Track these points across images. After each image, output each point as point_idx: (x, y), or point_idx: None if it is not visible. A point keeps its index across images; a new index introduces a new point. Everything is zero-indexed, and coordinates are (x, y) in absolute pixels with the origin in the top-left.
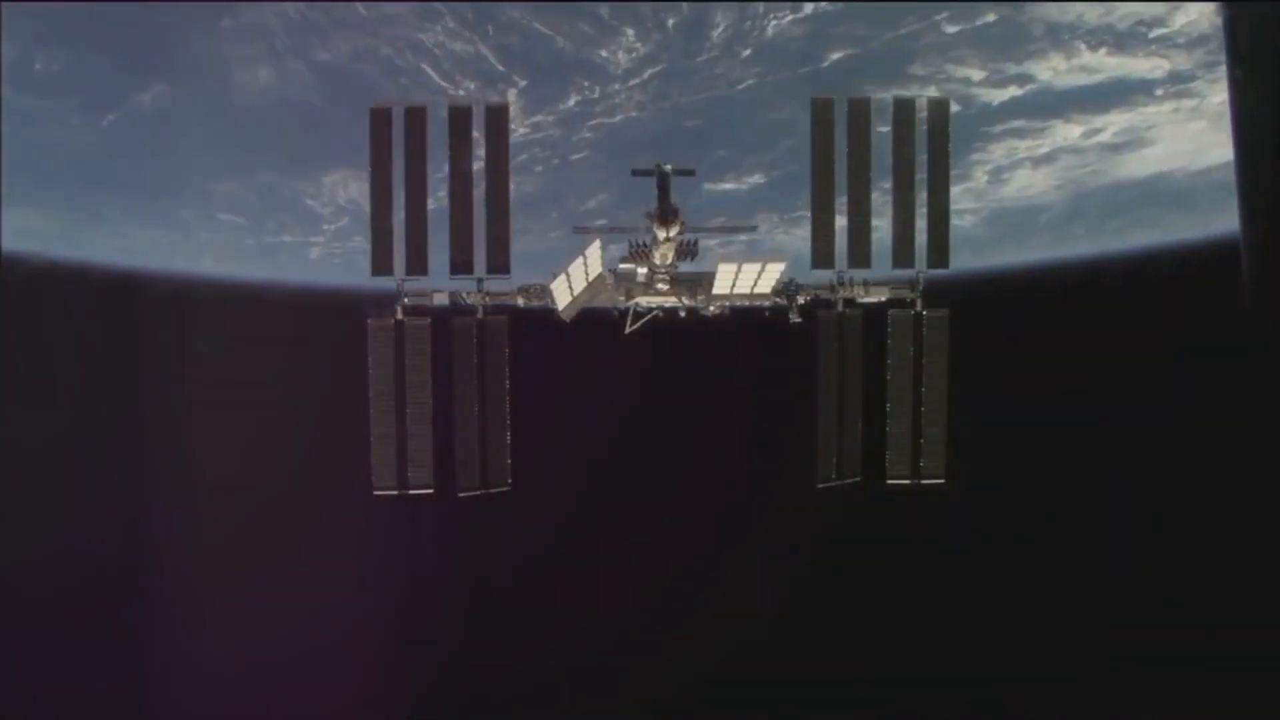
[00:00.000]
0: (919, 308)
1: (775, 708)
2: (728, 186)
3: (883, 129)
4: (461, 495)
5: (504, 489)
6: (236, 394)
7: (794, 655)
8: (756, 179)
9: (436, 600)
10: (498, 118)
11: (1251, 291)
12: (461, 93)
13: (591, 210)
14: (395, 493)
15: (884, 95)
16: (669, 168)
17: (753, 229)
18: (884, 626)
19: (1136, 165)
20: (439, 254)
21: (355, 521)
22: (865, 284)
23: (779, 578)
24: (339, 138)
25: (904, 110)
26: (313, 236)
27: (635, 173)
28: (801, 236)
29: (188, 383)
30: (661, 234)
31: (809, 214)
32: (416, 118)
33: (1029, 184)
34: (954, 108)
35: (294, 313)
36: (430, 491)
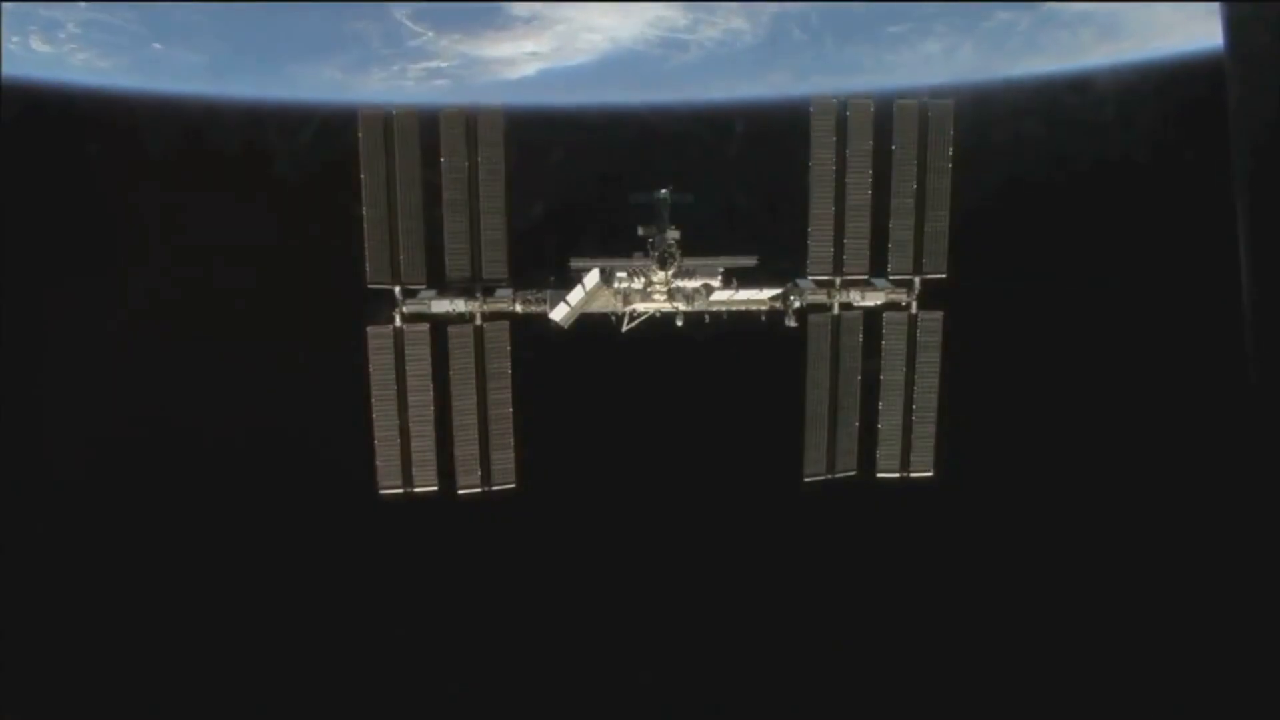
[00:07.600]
0: (913, 310)
1: (776, 707)
2: None
3: None
4: (461, 493)
5: (509, 486)
6: None
7: (795, 655)
8: None
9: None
10: (492, 122)
11: (1251, 292)
12: None
13: None
14: (401, 491)
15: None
16: (666, 195)
17: (752, 261)
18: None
19: None
20: (436, 259)
21: None
22: (862, 288)
23: (780, 578)
24: None
25: (905, 113)
26: None
27: (633, 203)
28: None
29: None
30: (659, 274)
31: None
32: (409, 123)
33: None
34: None
35: None
36: (434, 490)
